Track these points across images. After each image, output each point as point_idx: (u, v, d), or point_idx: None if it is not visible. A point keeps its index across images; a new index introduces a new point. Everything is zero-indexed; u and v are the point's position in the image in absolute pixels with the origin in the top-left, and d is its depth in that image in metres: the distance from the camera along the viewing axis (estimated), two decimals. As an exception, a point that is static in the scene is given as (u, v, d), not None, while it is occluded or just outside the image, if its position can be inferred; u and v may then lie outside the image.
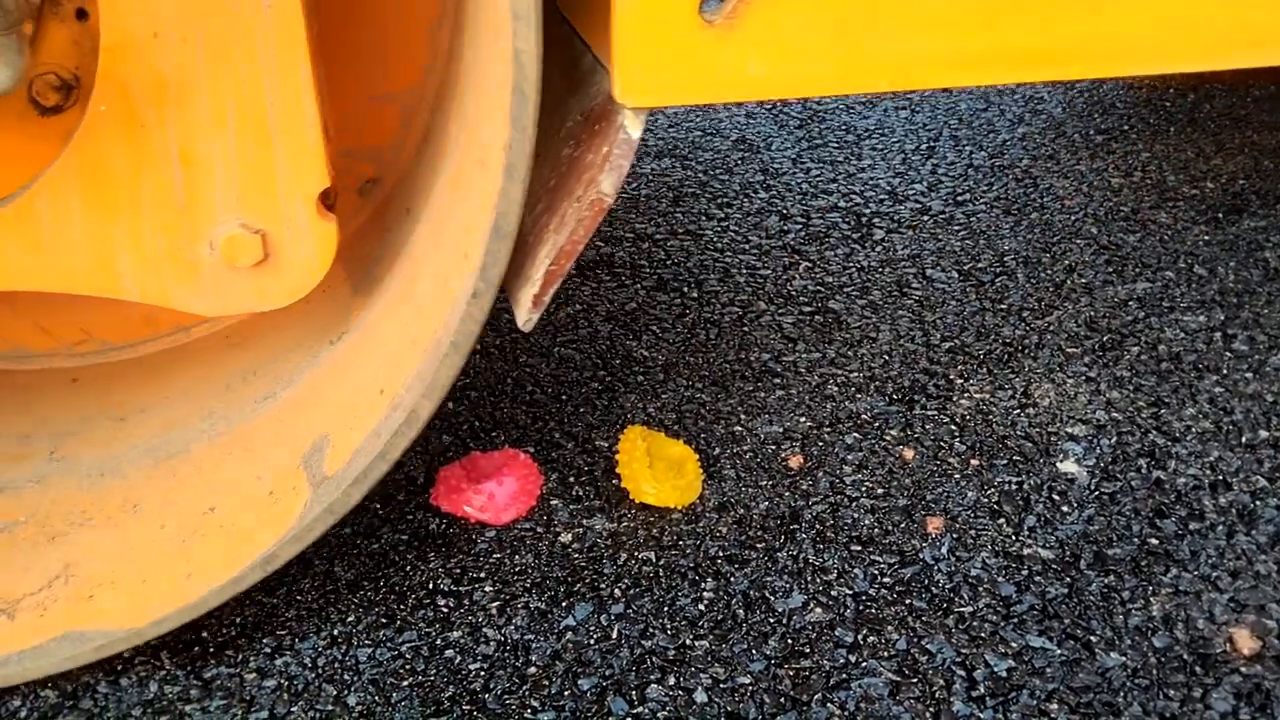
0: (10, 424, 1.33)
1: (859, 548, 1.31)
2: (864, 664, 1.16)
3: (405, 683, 1.15)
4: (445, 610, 1.24)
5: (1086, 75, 1.05)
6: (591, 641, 1.19)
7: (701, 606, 1.23)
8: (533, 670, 1.16)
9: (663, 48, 0.97)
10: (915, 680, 1.14)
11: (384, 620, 1.23)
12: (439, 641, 1.20)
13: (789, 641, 1.19)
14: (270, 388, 1.30)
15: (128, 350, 1.41)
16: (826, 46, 0.99)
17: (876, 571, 1.28)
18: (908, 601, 1.23)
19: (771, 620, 1.21)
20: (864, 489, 1.40)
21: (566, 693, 1.13)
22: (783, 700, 1.12)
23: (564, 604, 1.24)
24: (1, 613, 1.12)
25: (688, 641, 1.19)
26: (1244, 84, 2.68)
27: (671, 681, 1.14)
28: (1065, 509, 1.36)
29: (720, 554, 1.30)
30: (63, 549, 1.18)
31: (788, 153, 2.37)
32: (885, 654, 1.17)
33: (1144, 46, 1.03)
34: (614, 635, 1.20)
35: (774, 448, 1.48)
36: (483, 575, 1.28)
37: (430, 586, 1.27)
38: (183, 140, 1.06)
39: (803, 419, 1.54)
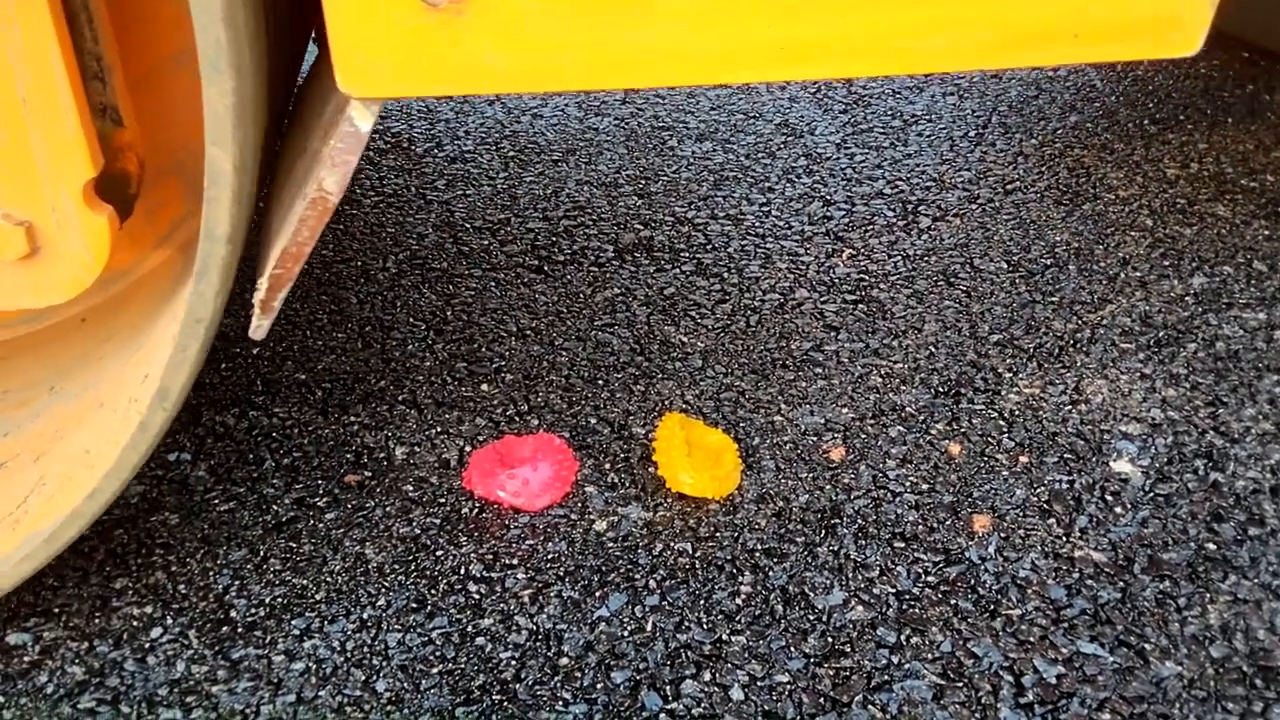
0: (27, 376, 1.33)
1: (902, 544, 1.27)
2: (907, 665, 1.12)
3: (435, 669, 1.13)
4: (477, 597, 1.21)
5: (843, 74, 0.98)
6: (625, 633, 1.16)
7: (739, 601, 1.20)
8: (565, 661, 1.13)
9: (384, 32, 0.89)
10: (960, 684, 1.10)
11: (414, 605, 1.20)
12: (470, 628, 1.17)
13: (829, 640, 1.15)
14: None
15: (121, 280, 1.40)
16: (567, 37, 0.91)
17: (920, 570, 1.23)
18: (953, 602, 1.19)
19: (811, 617, 1.18)
20: (908, 484, 1.36)
21: (599, 685, 1.11)
22: (822, 700, 1.09)
23: (597, 594, 1.21)
24: None
25: (724, 636, 1.16)
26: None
27: (707, 677, 1.11)
28: (1118, 510, 1.32)
29: (758, 547, 1.27)
30: (42, 465, 1.18)
31: (832, 137, 2.32)
32: (929, 656, 1.13)
33: (893, 47, 0.96)
34: (648, 627, 1.17)
35: (815, 439, 1.44)
36: (515, 562, 1.26)
37: (462, 572, 1.24)
38: None
39: (845, 410, 1.49)
